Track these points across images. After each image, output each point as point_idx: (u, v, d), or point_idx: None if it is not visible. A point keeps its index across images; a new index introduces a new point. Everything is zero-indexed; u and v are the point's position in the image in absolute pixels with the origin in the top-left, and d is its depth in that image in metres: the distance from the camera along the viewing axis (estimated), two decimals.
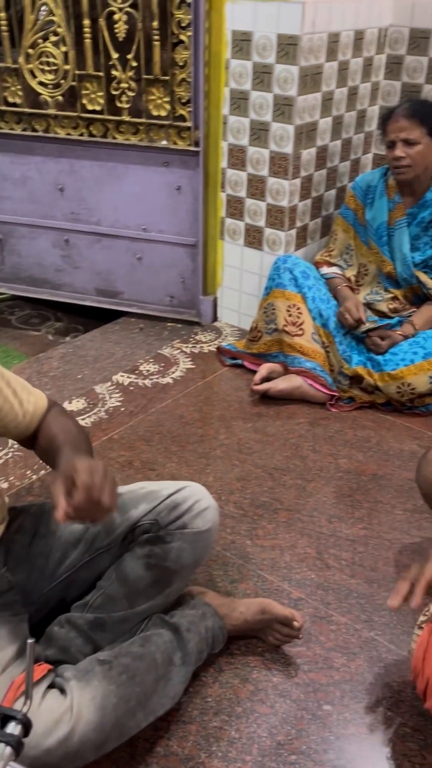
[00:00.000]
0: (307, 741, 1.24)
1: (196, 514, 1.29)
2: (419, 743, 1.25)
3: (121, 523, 1.29)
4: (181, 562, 1.29)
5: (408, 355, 2.31)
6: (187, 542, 1.28)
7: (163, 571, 1.28)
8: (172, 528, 1.28)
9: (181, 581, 1.33)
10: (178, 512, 1.29)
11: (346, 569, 1.65)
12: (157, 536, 1.28)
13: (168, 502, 1.29)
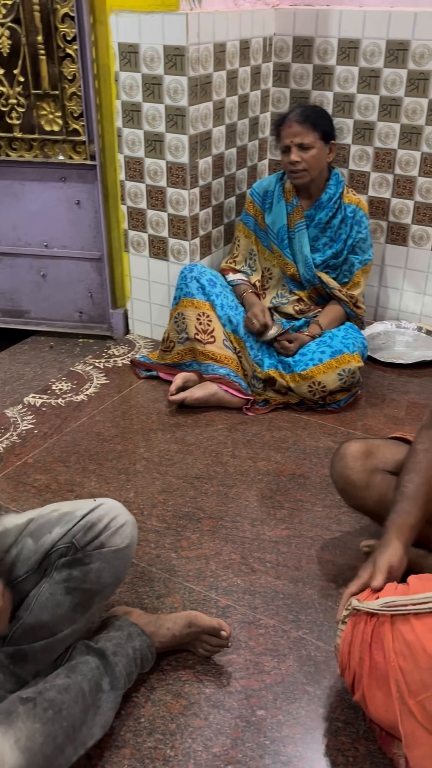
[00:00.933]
0: (243, 749, 1.24)
1: (113, 532, 1.27)
2: (351, 736, 1.27)
3: (36, 550, 1.26)
4: (101, 582, 1.26)
5: (316, 355, 2.36)
6: (106, 561, 1.26)
7: (84, 593, 1.26)
8: (89, 549, 1.25)
9: (103, 601, 1.31)
10: (95, 532, 1.26)
11: (271, 571, 1.66)
12: (74, 559, 1.25)
13: (83, 522, 1.26)
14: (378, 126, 2.69)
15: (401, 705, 1.15)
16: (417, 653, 1.14)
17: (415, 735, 1.14)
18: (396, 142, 2.68)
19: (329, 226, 2.47)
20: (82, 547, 1.25)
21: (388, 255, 2.87)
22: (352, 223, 2.48)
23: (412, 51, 2.51)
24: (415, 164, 2.67)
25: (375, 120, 2.68)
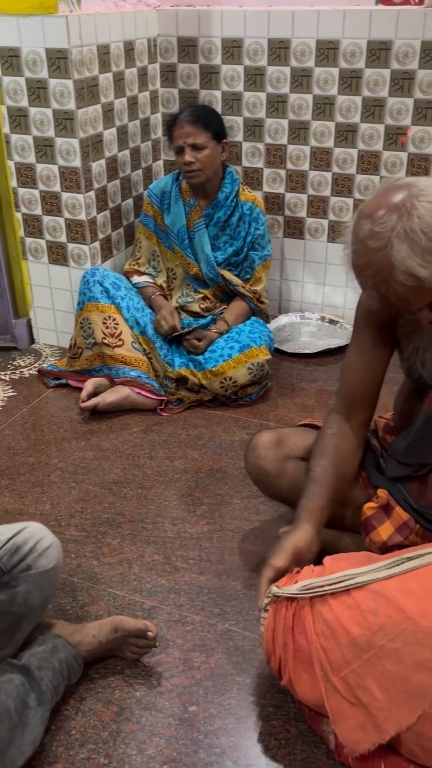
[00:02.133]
0: (177, 746, 1.25)
1: (39, 554, 1.28)
2: (282, 719, 1.30)
3: None
4: (29, 605, 1.26)
5: (225, 351, 2.39)
6: (33, 583, 1.26)
7: (11, 616, 1.25)
8: (16, 572, 1.26)
9: (30, 624, 1.30)
10: (21, 555, 1.27)
11: (194, 568, 1.68)
12: (1, 582, 1.24)
13: (8, 546, 1.26)
14: (267, 123, 2.75)
15: (326, 683, 1.19)
16: (336, 631, 1.18)
17: (341, 710, 1.18)
18: (285, 137, 2.74)
19: (228, 224, 2.51)
20: (8, 570, 1.25)
21: (286, 249, 2.94)
22: (249, 221, 2.52)
23: (293, 49, 2.58)
24: (305, 159, 2.75)
25: (264, 117, 2.74)
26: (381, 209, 1.18)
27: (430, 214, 1.16)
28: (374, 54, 2.50)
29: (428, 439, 1.44)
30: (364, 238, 1.19)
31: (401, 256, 1.15)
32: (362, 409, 1.52)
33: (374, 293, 1.23)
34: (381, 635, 1.14)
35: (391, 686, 1.12)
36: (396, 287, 1.19)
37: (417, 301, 1.23)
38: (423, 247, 1.15)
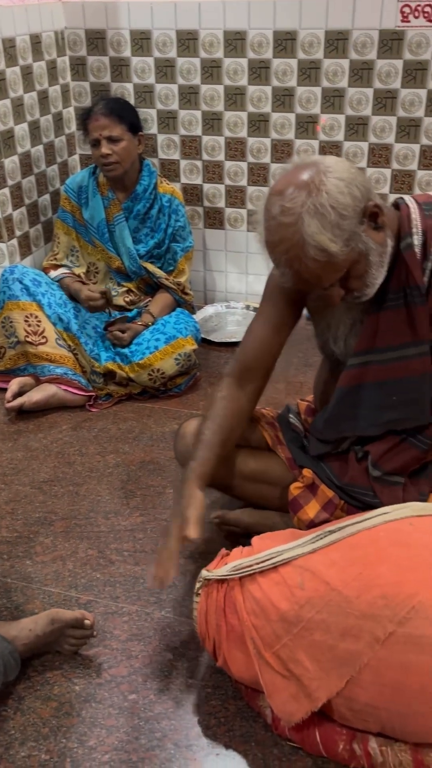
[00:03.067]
0: (118, 735, 1.26)
1: None
2: (221, 698, 1.33)
3: None
4: None
5: (152, 343, 2.40)
6: None
7: None
8: None
9: None
10: None
11: (129, 559, 1.69)
12: None
13: None
14: (181, 114, 2.76)
15: (259, 659, 1.23)
16: (266, 608, 1.22)
17: (275, 683, 1.22)
18: (199, 128, 2.76)
19: (148, 217, 2.51)
20: None
21: (208, 239, 2.97)
22: (169, 212, 2.53)
23: (201, 40, 2.60)
24: (221, 149, 2.78)
25: (176, 108, 2.75)
26: (291, 186, 1.22)
27: (337, 189, 1.20)
28: (280, 44, 2.54)
29: (344, 414, 1.50)
30: (275, 215, 1.22)
31: (312, 231, 1.19)
32: (257, 377, 1.55)
33: (287, 270, 1.26)
34: (308, 608, 1.18)
35: (321, 656, 1.17)
36: (308, 263, 1.22)
37: (328, 276, 1.26)
38: (332, 222, 1.19)
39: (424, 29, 2.38)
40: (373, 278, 1.30)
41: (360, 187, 1.23)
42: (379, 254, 1.28)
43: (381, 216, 1.27)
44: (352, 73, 2.52)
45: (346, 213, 1.20)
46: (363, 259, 1.26)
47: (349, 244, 1.22)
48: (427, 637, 1.10)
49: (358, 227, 1.23)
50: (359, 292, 1.31)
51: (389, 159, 2.62)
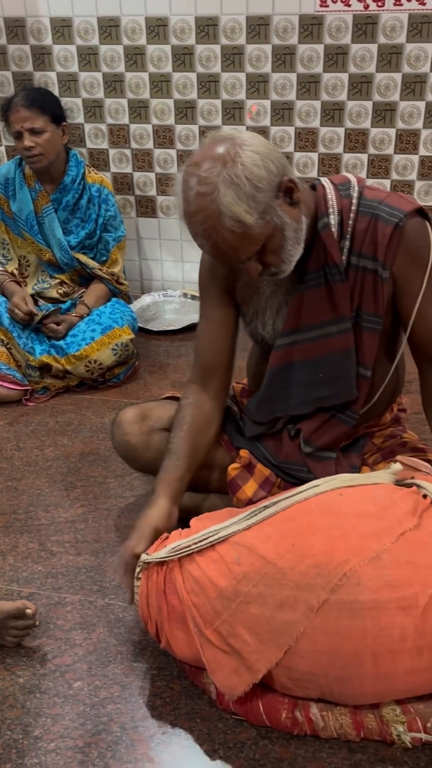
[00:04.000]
0: (64, 723, 1.26)
1: None
2: (165, 679, 1.35)
3: None
4: None
5: (87, 334, 2.38)
6: None
7: None
8: None
9: None
10: None
11: (71, 550, 1.68)
12: None
13: None
14: (107, 102, 2.74)
15: (200, 637, 1.25)
16: (205, 586, 1.24)
17: (217, 659, 1.24)
18: (126, 117, 2.75)
19: (78, 208, 2.49)
20: None
21: (141, 228, 2.96)
22: (99, 202, 2.51)
23: (123, 27, 2.58)
24: (149, 137, 2.77)
25: (102, 97, 2.73)
26: (207, 159, 1.23)
27: (252, 162, 1.22)
28: (203, 30, 2.54)
29: (276, 395, 1.52)
30: (192, 186, 1.23)
31: (227, 201, 1.20)
32: (218, 375, 1.56)
33: (205, 242, 1.27)
34: (245, 583, 1.21)
35: (259, 628, 1.19)
36: (225, 233, 1.23)
37: (245, 249, 1.27)
38: (247, 193, 1.21)
39: (342, 14, 2.42)
40: (290, 254, 1.32)
41: (275, 162, 1.25)
42: (294, 230, 1.30)
43: (296, 192, 1.29)
44: (275, 58, 2.55)
45: (261, 185, 1.22)
46: (279, 234, 1.28)
47: (265, 217, 1.24)
48: (359, 602, 1.14)
49: (274, 201, 1.25)
50: (276, 267, 1.33)
51: (315, 143, 2.66)
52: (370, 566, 1.15)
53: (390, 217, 1.35)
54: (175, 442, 1.47)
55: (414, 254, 1.37)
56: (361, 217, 1.37)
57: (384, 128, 2.59)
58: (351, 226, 1.38)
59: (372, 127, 2.59)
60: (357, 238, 1.38)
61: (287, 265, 1.34)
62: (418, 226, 1.37)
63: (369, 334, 1.43)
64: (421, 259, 1.38)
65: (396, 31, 2.42)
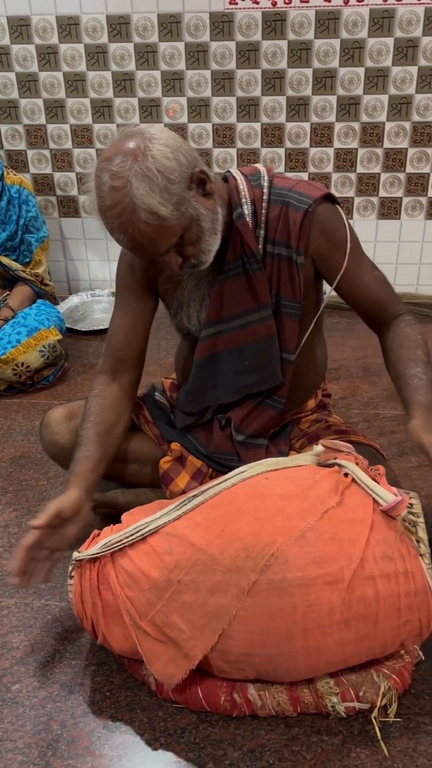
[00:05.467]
0: (2, 726, 1.25)
1: None
2: (105, 674, 1.35)
3: None
4: None
5: (13, 337, 2.35)
6: None
7: None
8: None
9: None
10: None
11: (4, 555, 1.67)
12: None
13: None
14: (21, 103, 2.70)
15: (136, 629, 1.26)
16: (138, 579, 1.25)
17: (153, 650, 1.25)
18: (43, 117, 2.72)
19: None
20: None
21: (65, 228, 2.94)
22: (19, 203, 2.48)
23: (34, 26, 2.55)
24: (67, 137, 2.75)
25: (17, 97, 2.69)
26: (118, 154, 1.24)
27: (162, 155, 1.23)
28: (115, 28, 2.54)
29: (204, 385, 1.55)
30: (105, 181, 1.23)
31: (141, 194, 1.21)
32: (129, 368, 1.56)
33: (122, 236, 1.27)
34: (177, 571, 1.22)
35: (193, 615, 1.21)
36: (141, 226, 1.24)
37: (163, 241, 1.28)
38: (160, 185, 1.22)
39: (251, 11, 2.46)
40: (208, 245, 1.34)
41: (185, 154, 1.27)
42: (210, 220, 1.32)
43: (209, 183, 1.31)
44: (188, 55, 2.57)
45: (173, 177, 1.24)
46: (195, 225, 1.30)
47: (180, 209, 1.26)
48: (288, 580, 1.17)
49: (187, 192, 1.27)
50: (196, 259, 1.35)
51: (233, 139, 2.69)
52: (297, 545, 1.18)
53: (299, 203, 1.39)
54: (83, 434, 1.47)
55: (329, 235, 1.42)
56: (273, 205, 1.41)
57: (299, 122, 2.65)
58: (264, 214, 1.41)
59: (287, 121, 2.65)
60: (270, 226, 1.42)
61: (206, 256, 1.36)
62: (327, 209, 1.42)
63: (289, 319, 1.47)
64: (338, 238, 1.42)
65: (304, 27, 2.47)
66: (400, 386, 1.38)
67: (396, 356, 1.42)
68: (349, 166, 2.70)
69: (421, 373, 1.35)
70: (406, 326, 1.45)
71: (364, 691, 1.24)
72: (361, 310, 1.51)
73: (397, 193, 2.73)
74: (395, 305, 1.49)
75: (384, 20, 2.43)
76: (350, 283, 1.45)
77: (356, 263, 1.44)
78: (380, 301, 1.48)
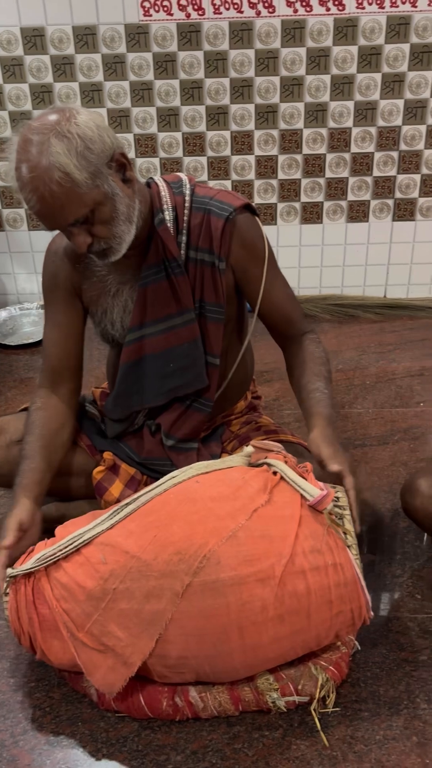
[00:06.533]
0: None
1: None
2: (45, 689, 1.34)
3: None
4: None
5: None
6: None
7: None
8: None
9: None
10: None
11: None
12: None
13: None
14: None
15: (74, 641, 1.25)
16: (73, 590, 1.24)
17: (92, 660, 1.25)
18: None
19: None
20: None
21: None
22: None
23: None
24: None
25: None
26: (42, 117, 1.25)
27: (86, 125, 1.24)
28: (30, 41, 2.53)
29: (130, 389, 1.56)
30: (26, 137, 1.23)
31: (57, 152, 1.20)
32: (67, 378, 1.57)
33: (32, 196, 1.24)
34: (112, 580, 1.22)
35: (129, 622, 1.22)
36: (52, 186, 1.22)
37: (72, 209, 1.26)
38: (78, 150, 1.22)
39: (166, 23, 2.49)
40: (121, 231, 1.32)
41: (110, 135, 1.29)
42: (126, 206, 1.32)
43: (129, 170, 1.32)
44: (105, 67, 2.58)
45: (93, 147, 1.24)
46: (109, 203, 1.29)
47: (95, 181, 1.25)
48: (221, 580, 1.19)
49: (105, 169, 1.27)
50: (106, 242, 1.32)
51: (155, 149, 2.72)
52: (228, 545, 1.20)
53: (221, 211, 1.42)
54: (27, 447, 1.46)
55: (249, 246, 1.45)
56: (195, 213, 1.44)
57: (219, 131, 2.69)
58: (186, 221, 1.43)
59: (207, 130, 2.68)
60: (193, 232, 1.44)
61: (117, 243, 1.34)
62: (247, 219, 1.46)
63: (214, 324, 1.50)
64: (257, 249, 1.46)
65: (219, 38, 2.52)
66: (302, 398, 1.44)
67: (300, 371, 1.48)
68: (269, 172, 2.76)
69: (323, 388, 1.41)
70: (311, 343, 1.51)
71: (302, 684, 1.26)
72: (270, 324, 1.55)
73: (318, 198, 2.80)
74: (302, 322, 1.55)
75: (295, 31, 2.50)
76: (263, 296, 1.49)
77: (271, 277, 1.48)
78: (290, 316, 1.53)
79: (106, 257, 1.37)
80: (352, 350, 2.65)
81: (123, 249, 1.36)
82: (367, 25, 2.49)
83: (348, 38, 2.51)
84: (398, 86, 2.60)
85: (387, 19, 2.48)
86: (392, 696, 1.28)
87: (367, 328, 2.83)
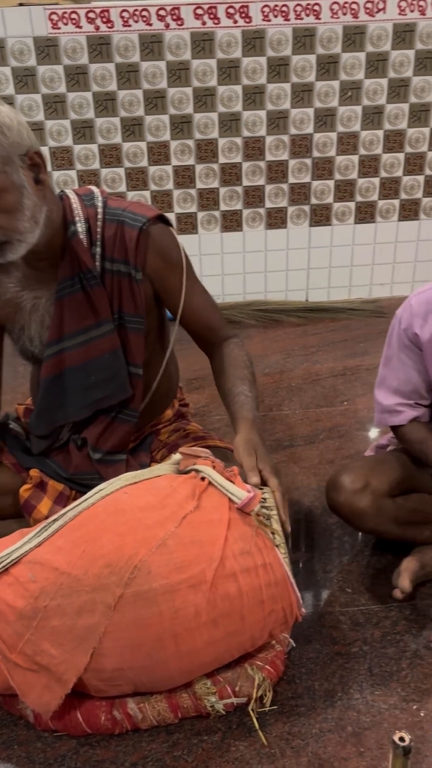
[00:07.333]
0: None
1: None
2: None
3: None
4: None
5: None
6: None
7: None
8: None
9: None
10: None
11: None
12: None
13: None
14: None
15: (6, 663, 1.22)
16: (3, 611, 1.22)
17: (27, 681, 1.22)
18: None
19: None
20: None
21: None
22: None
23: None
24: None
25: None
26: None
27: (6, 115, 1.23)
28: None
29: (53, 404, 1.54)
30: None
31: None
32: None
33: None
34: (43, 598, 1.21)
35: (63, 639, 1.20)
36: None
37: None
38: None
39: (75, 35, 2.49)
40: (23, 227, 1.30)
41: (29, 134, 1.27)
42: (33, 204, 1.30)
43: (42, 172, 1.31)
44: (16, 80, 2.55)
45: (9, 134, 1.23)
46: (15, 193, 1.27)
47: (4, 167, 1.24)
48: (153, 590, 1.19)
49: (18, 160, 1.26)
50: (5, 234, 1.29)
51: (72, 161, 2.70)
52: (158, 554, 1.20)
53: (134, 222, 1.43)
54: None
55: (165, 256, 1.46)
56: (108, 224, 1.44)
57: (135, 142, 2.70)
58: (99, 233, 1.43)
59: (123, 141, 2.69)
60: (107, 244, 1.44)
61: (17, 240, 1.31)
62: (161, 230, 1.47)
63: (134, 334, 1.50)
64: (173, 258, 1.48)
65: (129, 51, 2.53)
66: (228, 403, 1.46)
67: (224, 376, 1.50)
68: (188, 182, 2.79)
69: (247, 391, 1.44)
70: (235, 348, 1.54)
71: (240, 685, 1.28)
72: (193, 331, 1.56)
73: (236, 206, 2.85)
74: (224, 328, 1.57)
75: (205, 42, 2.54)
76: (184, 305, 1.50)
77: (189, 285, 1.50)
78: (210, 323, 1.55)
79: (3, 253, 1.32)
80: (278, 354, 2.70)
81: (22, 249, 1.33)
82: (374, 32, 2.55)
83: (308, 47, 2.57)
84: (403, 90, 2.69)
85: (393, 26, 2.55)
86: (327, 689, 1.31)
87: (290, 331, 2.89)
